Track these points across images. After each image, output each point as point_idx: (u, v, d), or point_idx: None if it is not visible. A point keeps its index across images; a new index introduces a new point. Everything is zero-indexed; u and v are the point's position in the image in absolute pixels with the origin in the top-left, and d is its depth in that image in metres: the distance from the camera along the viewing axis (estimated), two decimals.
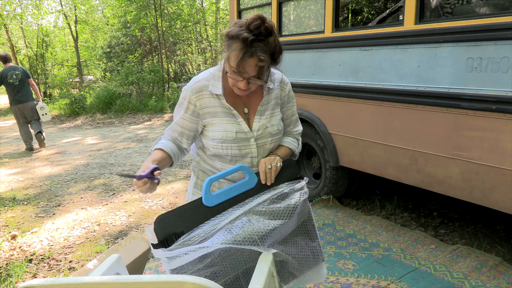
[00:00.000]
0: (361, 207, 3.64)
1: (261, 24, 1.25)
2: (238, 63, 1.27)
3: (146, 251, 1.88)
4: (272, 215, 1.29)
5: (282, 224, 1.28)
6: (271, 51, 1.29)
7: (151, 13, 14.29)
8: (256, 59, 1.26)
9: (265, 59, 1.27)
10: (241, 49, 1.25)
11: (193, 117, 1.46)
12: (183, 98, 1.46)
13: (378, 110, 2.86)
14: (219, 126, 1.43)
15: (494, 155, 2.23)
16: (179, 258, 1.18)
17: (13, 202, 4.17)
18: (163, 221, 1.26)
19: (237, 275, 1.26)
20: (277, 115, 1.51)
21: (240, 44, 1.25)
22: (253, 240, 1.22)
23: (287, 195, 1.35)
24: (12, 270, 2.74)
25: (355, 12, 4.82)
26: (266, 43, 1.26)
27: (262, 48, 1.25)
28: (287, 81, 1.56)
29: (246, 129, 1.44)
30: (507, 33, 2.07)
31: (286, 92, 1.54)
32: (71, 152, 6.80)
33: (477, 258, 2.60)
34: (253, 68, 1.28)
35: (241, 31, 1.25)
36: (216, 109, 1.44)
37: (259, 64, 1.28)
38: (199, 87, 1.43)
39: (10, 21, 14.74)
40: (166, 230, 1.25)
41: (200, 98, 1.43)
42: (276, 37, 1.30)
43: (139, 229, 3.38)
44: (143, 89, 12.88)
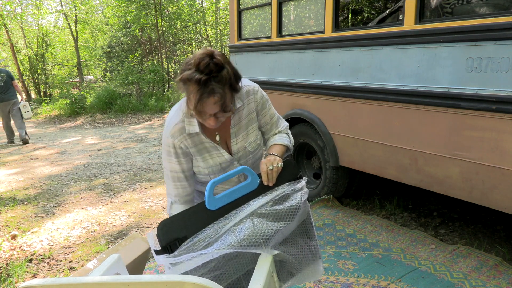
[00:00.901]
0: (361, 207, 3.64)
1: (210, 61, 1.23)
2: (198, 106, 1.25)
3: (146, 251, 1.88)
4: (275, 217, 1.29)
5: (285, 226, 1.29)
6: (228, 83, 1.28)
7: (151, 13, 14.30)
8: (213, 98, 1.24)
9: (222, 94, 1.25)
10: (197, 91, 1.23)
11: (186, 158, 1.47)
12: (168, 146, 1.45)
13: (378, 110, 2.86)
14: (204, 163, 1.47)
15: (494, 155, 2.23)
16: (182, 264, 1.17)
17: (13, 202, 4.17)
18: (166, 226, 1.25)
19: (239, 276, 1.26)
20: (253, 131, 1.52)
21: (196, 86, 1.23)
22: (258, 243, 1.22)
23: (288, 196, 1.36)
24: (12, 270, 2.74)
25: (355, 12, 4.81)
26: (219, 78, 1.24)
27: (216, 85, 1.24)
28: (256, 89, 1.50)
29: (227, 156, 1.48)
30: (507, 33, 2.07)
31: (258, 101, 1.51)
32: (71, 152, 6.80)
33: (477, 258, 2.60)
34: (213, 106, 1.27)
35: (192, 73, 1.23)
36: (198, 147, 1.46)
37: (218, 102, 1.26)
38: (179, 130, 1.42)
39: (10, 21, 14.74)
40: (169, 235, 1.24)
41: (183, 140, 1.43)
42: (229, 68, 1.28)
43: (139, 229, 3.38)
44: (143, 89, 12.89)
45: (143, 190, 4.41)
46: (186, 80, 1.25)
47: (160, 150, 6.60)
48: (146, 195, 4.24)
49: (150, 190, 4.40)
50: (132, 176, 5.03)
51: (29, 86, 16.07)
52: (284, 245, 1.32)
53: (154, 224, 3.46)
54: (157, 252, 1.22)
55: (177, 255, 1.18)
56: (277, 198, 1.34)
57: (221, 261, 1.21)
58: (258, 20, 4.55)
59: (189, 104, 1.30)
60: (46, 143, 7.82)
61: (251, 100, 1.49)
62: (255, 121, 1.52)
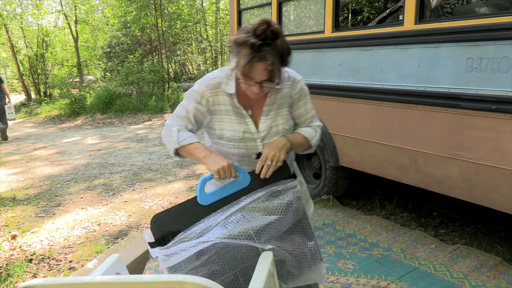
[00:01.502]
0: (361, 207, 3.64)
1: (267, 28, 1.27)
2: (248, 69, 1.29)
3: (146, 251, 1.88)
4: (267, 211, 1.30)
5: (277, 219, 1.29)
6: (280, 53, 1.30)
7: (151, 13, 14.30)
8: (265, 63, 1.27)
9: (273, 62, 1.28)
10: (249, 54, 1.27)
11: (203, 111, 1.47)
12: (196, 92, 1.47)
13: (378, 110, 2.86)
14: (227, 125, 1.46)
15: (494, 155, 2.23)
16: (176, 255, 1.19)
17: (13, 202, 4.17)
18: (159, 219, 1.29)
19: (235, 274, 1.27)
20: (283, 115, 1.51)
21: (248, 49, 1.27)
22: (248, 234, 1.23)
23: (280, 193, 1.36)
24: (12, 270, 2.74)
25: (355, 12, 4.82)
26: (273, 46, 1.28)
27: (269, 51, 1.27)
28: (298, 78, 1.54)
29: (253, 129, 1.46)
30: (507, 33, 2.07)
31: (296, 90, 1.52)
32: (71, 152, 6.80)
33: (477, 258, 2.61)
34: (262, 72, 1.30)
35: (248, 37, 1.27)
36: (227, 107, 1.46)
37: (268, 68, 1.28)
38: (215, 84, 1.45)
39: (10, 21, 14.74)
40: (162, 228, 1.28)
41: (214, 95, 1.46)
42: (283, 39, 1.31)
43: (139, 229, 3.38)
44: (143, 89, 12.88)
45: (143, 190, 4.41)
46: (241, 43, 1.28)
47: (159, 150, 6.61)
48: (146, 195, 4.24)
49: (150, 190, 4.40)
50: (132, 176, 5.03)
51: (29, 86, 16.05)
52: (279, 241, 1.32)
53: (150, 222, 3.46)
54: (151, 244, 1.25)
55: (170, 247, 1.20)
56: (269, 194, 1.35)
57: (214, 255, 1.22)
58: None
59: (240, 67, 1.31)
60: (46, 143, 7.82)
61: (289, 86, 1.51)
62: (286, 106, 1.52)
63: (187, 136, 1.42)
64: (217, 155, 1.37)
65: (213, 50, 19.65)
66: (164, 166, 5.46)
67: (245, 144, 1.47)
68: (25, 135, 9.21)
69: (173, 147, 1.42)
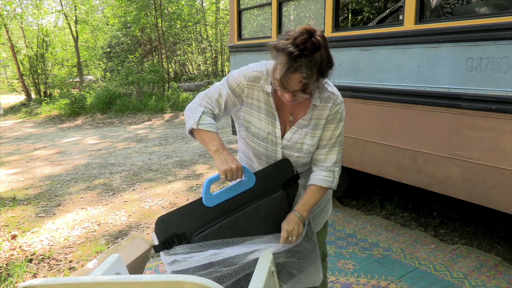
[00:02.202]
0: (361, 207, 3.64)
1: (308, 39, 1.21)
2: (282, 78, 1.25)
3: (147, 251, 1.88)
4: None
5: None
6: (317, 67, 1.25)
7: (151, 13, 14.30)
8: (300, 75, 1.23)
9: (308, 75, 1.23)
10: (285, 63, 1.23)
11: (235, 100, 1.45)
12: (234, 79, 1.44)
13: (378, 110, 2.86)
14: (255, 121, 1.45)
15: (494, 155, 2.23)
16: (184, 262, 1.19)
17: (13, 202, 4.17)
18: (164, 222, 1.27)
19: (238, 279, 1.27)
20: (314, 136, 1.45)
21: (286, 58, 1.23)
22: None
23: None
24: (12, 270, 2.74)
25: (355, 12, 4.81)
26: (311, 58, 1.22)
27: (306, 64, 1.22)
28: (338, 101, 1.46)
29: (278, 134, 1.44)
30: (507, 33, 2.07)
31: (332, 112, 1.45)
32: (71, 152, 6.80)
33: (477, 258, 2.61)
34: (296, 83, 1.26)
35: (287, 45, 1.23)
36: (260, 104, 1.44)
37: (303, 80, 1.24)
38: (254, 78, 1.43)
39: (10, 21, 14.73)
40: (167, 231, 1.26)
41: (251, 88, 1.43)
42: (324, 51, 1.26)
43: (139, 229, 3.38)
44: (143, 89, 12.88)
45: (143, 190, 4.41)
46: (280, 49, 1.25)
47: (159, 150, 6.61)
48: (146, 195, 4.24)
49: (150, 190, 4.40)
50: (132, 176, 5.03)
51: (29, 86, 16.04)
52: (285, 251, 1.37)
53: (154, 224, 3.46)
54: (156, 248, 1.24)
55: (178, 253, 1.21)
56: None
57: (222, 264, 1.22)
58: (258, 20, 4.55)
59: (275, 74, 1.28)
60: (46, 143, 7.82)
61: (327, 107, 1.45)
62: (320, 129, 1.46)
63: (209, 123, 1.39)
64: (228, 154, 1.34)
65: (213, 50, 19.65)
66: (164, 166, 5.46)
67: (265, 144, 1.46)
68: (25, 135, 9.21)
69: (191, 126, 1.38)
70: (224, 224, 1.33)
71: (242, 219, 1.37)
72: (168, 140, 7.54)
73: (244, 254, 1.26)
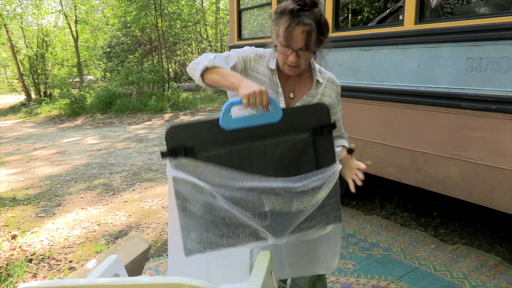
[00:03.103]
0: (361, 207, 3.64)
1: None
2: (286, 33, 1.31)
3: (146, 251, 1.88)
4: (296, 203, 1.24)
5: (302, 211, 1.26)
6: (317, 20, 1.33)
7: (151, 13, 14.30)
8: (302, 26, 1.30)
9: (310, 26, 1.31)
10: (287, 20, 1.31)
11: (240, 68, 1.44)
12: (242, 50, 1.48)
13: (378, 110, 2.86)
14: None
15: (494, 155, 2.23)
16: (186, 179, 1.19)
17: (13, 202, 4.17)
18: (175, 131, 1.22)
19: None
20: None
21: (287, 16, 1.32)
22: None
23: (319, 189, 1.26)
24: (12, 270, 2.74)
25: (355, 12, 4.81)
26: (311, 12, 1.32)
27: (308, 16, 1.31)
28: (337, 83, 1.56)
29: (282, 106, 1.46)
30: (507, 33, 2.07)
31: (337, 93, 1.55)
32: (71, 152, 6.80)
33: (477, 258, 2.60)
34: (300, 36, 1.31)
35: (287, 4, 1.32)
36: (264, 79, 1.46)
37: (306, 29, 1.30)
38: (260, 54, 1.48)
39: (10, 21, 14.73)
40: (176, 140, 1.22)
41: (257, 62, 1.47)
42: (321, 10, 1.35)
43: (139, 229, 3.38)
44: (143, 89, 12.89)
45: (143, 190, 4.41)
46: (281, 11, 1.33)
47: (159, 150, 6.61)
48: (146, 195, 4.24)
49: (150, 190, 4.40)
50: (132, 176, 5.03)
51: (29, 86, 16.04)
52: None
53: (154, 224, 3.46)
54: (162, 154, 1.21)
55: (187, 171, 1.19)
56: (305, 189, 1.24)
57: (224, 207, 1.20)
58: (258, 20, 4.55)
59: (279, 34, 1.34)
60: (46, 143, 7.82)
61: (329, 86, 1.53)
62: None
63: (223, 64, 1.36)
64: (251, 82, 1.27)
65: (213, 50, 19.64)
66: (164, 166, 5.46)
67: None
68: (25, 135, 9.21)
69: (205, 66, 1.32)
70: (235, 151, 1.23)
71: (256, 152, 1.24)
72: None
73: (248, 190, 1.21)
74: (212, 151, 1.23)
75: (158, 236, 3.22)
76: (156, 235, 3.25)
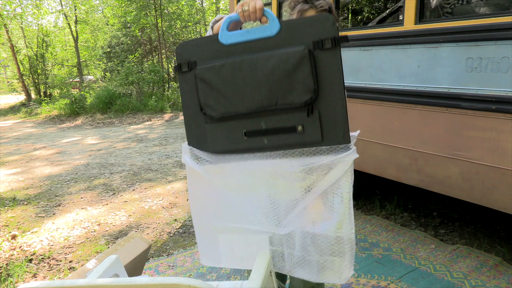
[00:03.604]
0: (361, 207, 3.64)
1: None
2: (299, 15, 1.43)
3: (145, 251, 1.88)
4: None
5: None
6: (329, 5, 1.45)
7: (151, 13, 14.30)
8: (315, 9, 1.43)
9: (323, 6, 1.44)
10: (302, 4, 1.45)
11: None
12: None
13: (378, 110, 2.86)
14: None
15: (494, 155, 2.23)
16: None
17: (13, 202, 4.17)
18: (183, 47, 1.35)
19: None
20: None
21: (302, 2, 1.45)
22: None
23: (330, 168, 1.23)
24: (12, 270, 2.74)
25: (355, 12, 4.81)
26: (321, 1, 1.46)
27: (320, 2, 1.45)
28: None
29: None
30: (507, 33, 2.07)
31: None
32: (71, 152, 6.80)
33: (477, 258, 2.60)
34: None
35: None
36: None
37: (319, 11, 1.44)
38: None
39: (10, 21, 14.73)
40: (183, 55, 1.34)
41: None
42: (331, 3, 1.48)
43: (139, 229, 3.38)
44: (143, 89, 12.89)
45: (143, 190, 4.41)
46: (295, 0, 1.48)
47: (159, 150, 6.61)
48: (146, 195, 4.24)
49: (150, 190, 4.40)
50: (132, 176, 5.03)
51: (29, 86, 16.05)
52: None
53: (154, 224, 3.46)
54: (173, 68, 1.42)
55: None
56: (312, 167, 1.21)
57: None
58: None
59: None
60: (46, 143, 7.82)
61: None
62: None
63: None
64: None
65: None
66: (164, 166, 5.46)
67: None
68: (25, 135, 9.21)
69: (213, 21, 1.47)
70: (228, 64, 1.25)
71: (248, 65, 1.23)
72: (168, 140, 7.54)
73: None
74: (208, 64, 1.28)
75: (158, 236, 3.22)
76: (156, 235, 3.25)
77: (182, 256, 2.85)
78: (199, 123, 1.36)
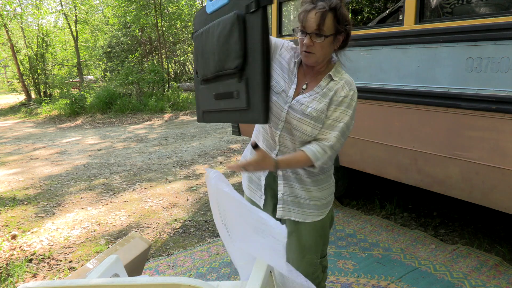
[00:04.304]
0: (361, 207, 3.64)
1: None
2: (302, 17, 1.41)
3: (145, 250, 1.88)
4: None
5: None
6: (332, 6, 1.40)
7: (151, 13, 14.30)
8: (316, 9, 1.39)
9: (324, 12, 1.38)
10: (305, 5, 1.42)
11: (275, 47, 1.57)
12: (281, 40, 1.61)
13: (378, 110, 2.86)
14: (276, 77, 1.55)
15: (494, 155, 2.23)
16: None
17: (13, 202, 4.17)
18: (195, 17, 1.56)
19: None
20: (321, 102, 1.48)
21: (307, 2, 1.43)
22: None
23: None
24: (12, 270, 2.74)
25: (355, 12, 4.81)
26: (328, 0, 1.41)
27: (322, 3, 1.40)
28: (353, 88, 1.54)
29: (290, 94, 1.52)
30: (507, 33, 2.07)
31: (342, 93, 1.50)
32: (71, 152, 6.80)
33: (477, 258, 2.60)
34: (313, 18, 1.38)
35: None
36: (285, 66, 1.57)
37: (319, 16, 1.37)
38: (293, 47, 1.59)
39: (10, 21, 14.73)
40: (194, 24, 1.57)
41: (287, 51, 1.58)
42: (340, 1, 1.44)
43: (139, 229, 3.38)
44: (143, 89, 12.88)
45: (143, 190, 4.41)
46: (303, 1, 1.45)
47: (159, 150, 6.61)
48: (146, 195, 4.24)
49: (150, 190, 4.40)
50: (132, 176, 5.03)
51: (29, 86, 16.04)
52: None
53: (154, 224, 3.46)
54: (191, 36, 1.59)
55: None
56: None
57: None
58: None
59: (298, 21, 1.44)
60: (46, 143, 7.82)
61: (341, 85, 1.54)
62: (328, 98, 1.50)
63: None
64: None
65: None
66: (164, 166, 5.46)
67: (276, 99, 1.52)
68: (25, 135, 9.21)
69: None
70: (204, 32, 1.42)
71: (205, 35, 1.40)
72: (168, 140, 7.54)
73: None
74: (197, 32, 1.49)
75: (158, 236, 3.22)
76: (156, 235, 3.25)
77: (182, 256, 2.85)
78: (197, 85, 1.61)
